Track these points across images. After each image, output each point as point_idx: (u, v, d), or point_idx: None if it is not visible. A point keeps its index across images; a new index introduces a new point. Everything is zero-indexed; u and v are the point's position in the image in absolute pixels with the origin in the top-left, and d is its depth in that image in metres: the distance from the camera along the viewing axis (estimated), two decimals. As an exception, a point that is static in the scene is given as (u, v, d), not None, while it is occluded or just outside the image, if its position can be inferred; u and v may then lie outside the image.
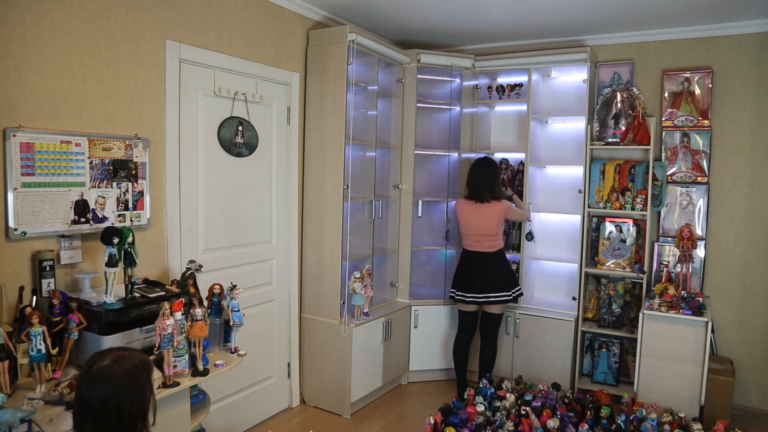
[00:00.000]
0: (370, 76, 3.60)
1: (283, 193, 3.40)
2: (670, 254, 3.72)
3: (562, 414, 3.02)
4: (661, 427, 2.92)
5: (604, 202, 3.70)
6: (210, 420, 2.85)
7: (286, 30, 3.31)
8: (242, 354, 2.30)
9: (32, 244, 2.12)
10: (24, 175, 2.07)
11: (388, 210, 3.96)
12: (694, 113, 3.62)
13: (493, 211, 3.52)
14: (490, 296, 3.54)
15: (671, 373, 3.17)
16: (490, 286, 3.54)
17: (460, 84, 4.08)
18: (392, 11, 3.47)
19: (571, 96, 3.96)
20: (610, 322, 3.71)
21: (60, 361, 1.96)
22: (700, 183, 3.65)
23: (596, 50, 3.90)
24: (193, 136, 2.79)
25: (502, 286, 3.56)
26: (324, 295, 3.48)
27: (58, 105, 2.18)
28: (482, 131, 4.21)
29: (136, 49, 2.46)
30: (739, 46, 3.51)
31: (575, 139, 3.96)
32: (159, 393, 1.88)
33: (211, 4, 2.82)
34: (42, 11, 2.10)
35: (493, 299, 3.55)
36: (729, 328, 3.61)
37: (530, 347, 3.80)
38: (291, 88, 3.37)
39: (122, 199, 2.42)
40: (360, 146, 3.58)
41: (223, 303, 2.34)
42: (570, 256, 3.91)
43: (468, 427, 2.91)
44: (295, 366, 3.56)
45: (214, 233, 2.94)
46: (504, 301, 3.57)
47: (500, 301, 3.56)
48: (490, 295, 3.54)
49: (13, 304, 2.05)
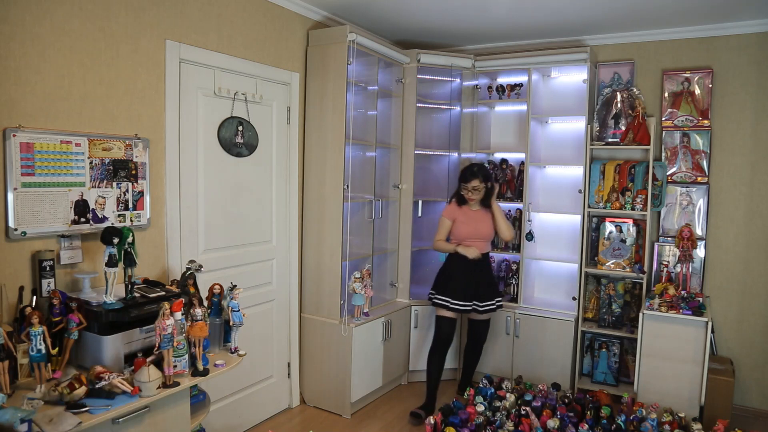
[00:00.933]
0: (370, 76, 3.60)
1: (283, 193, 3.40)
2: (670, 254, 3.72)
3: (562, 414, 3.02)
4: (661, 427, 2.92)
5: (604, 202, 3.71)
6: (210, 420, 2.85)
7: (286, 30, 3.31)
8: (242, 354, 2.30)
9: (32, 244, 2.12)
10: (24, 175, 2.07)
11: (388, 210, 3.96)
12: (694, 113, 3.62)
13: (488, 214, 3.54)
14: (489, 304, 3.50)
15: (671, 373, 3.16)
16: (486, 294, 3.49)
17: (460, 84, 4.08)
18: (392, 11, 3.47)
19: (571, 96, 3.96)
20: (610, 322, 3.71)
21: (60, 361, 1.96)
22: (700, 183, 3.65)
23: (596, 50, 3.90)
24: (193, 136, 2.79)
25: (495, 292, 3.56)
26: (324, 295, 3.48)
27: (58, 105, 2.18)
28: (482, 131, 4.21)
29: (136, 49, 2.46)
30: (739, 46, 3.51)
31: (575, 139, 3.96)
32: (159, 393, 1.88)
33: (211, 4, 2.82)
34: (42, 11, 2.10)
35: (489, 307, 3.51)
36: (729, 328, 3.61)
37: (530, 347, 3.80)
38: (291, 88, 3.37)
39: (122, 199, 2.42)
40: (360, 146, 3.58)
41: (223, 303, 2.33)
42: (570, 256, 3.91)
43: (468, 427, 2.91)
44: (295, 366, 3.56)
45: (214, 233, 2.94)
46: (498, 308, 3.59)
47: (496, 309, 3.55)
48: (488, 303, 3.50)
49: (13, 304, 2.05)
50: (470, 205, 3.50)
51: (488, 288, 3.50)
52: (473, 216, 3.48)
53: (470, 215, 3.48)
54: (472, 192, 3.42)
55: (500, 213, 3.50)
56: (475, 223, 3.47)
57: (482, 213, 3.51)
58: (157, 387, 1.88)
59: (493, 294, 3.52)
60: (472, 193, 3.42)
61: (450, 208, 3.55)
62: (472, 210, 3.50)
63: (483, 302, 3.47)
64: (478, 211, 3.51)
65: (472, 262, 3.42)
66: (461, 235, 3.47)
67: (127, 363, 2.02)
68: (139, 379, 1.85)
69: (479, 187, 3.41)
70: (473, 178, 3.40)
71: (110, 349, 1.99)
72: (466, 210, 3.50)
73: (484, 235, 3.48)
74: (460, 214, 3.50)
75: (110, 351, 1.99)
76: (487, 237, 3.50)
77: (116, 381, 1.80)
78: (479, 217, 3.49)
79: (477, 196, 3.44)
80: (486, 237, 3.50)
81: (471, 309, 3.46)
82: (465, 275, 3.45)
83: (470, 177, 3.41)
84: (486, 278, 3.52)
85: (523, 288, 3.94)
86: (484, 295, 3.47)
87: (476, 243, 3.46)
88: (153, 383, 1.86)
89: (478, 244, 3.45)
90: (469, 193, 3.42)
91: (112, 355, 1.99)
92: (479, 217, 3.49)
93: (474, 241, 3.46)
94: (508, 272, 4.12)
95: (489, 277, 3.56)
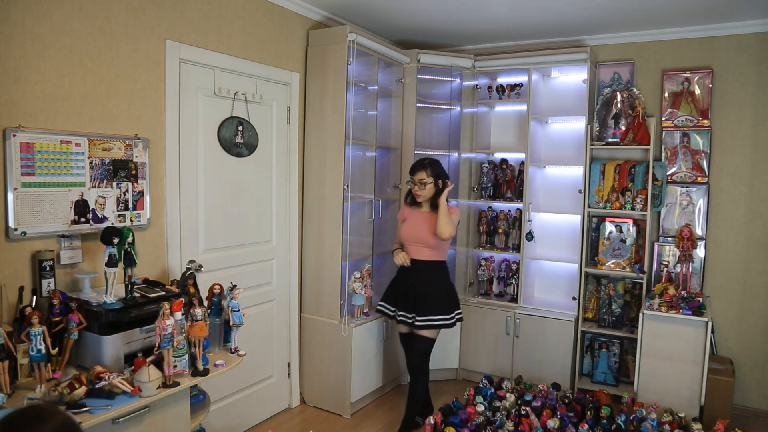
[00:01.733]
0: (370, 76, 3.60)
1: (283, 193, 3.40)
2: (670, 254, 3.72)
3: (562, 414, 3.02)
4: (661, 427, 2.92)
5: (604, 202, 3.70)
6: (210, 420, 2.85)
7: (286, 30, 3.31)
8: (242, 354, 2.30)
9: (32, 244, 2.12)
10: (24, 175, 2.07)
11: (388, 210, 3.95)
12: (694, 113, 3.62)
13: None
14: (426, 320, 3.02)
15: (671, 373, 3.16)
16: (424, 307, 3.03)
17: (460, 84, 4.08)
18: (392, 11, 3.47)
19: (571, 96, 3.96)
20: (610, 322, 3.71)
21: (60, 361, 1.96)
22: (700, 183, 3.65)
23: (596, 50, 3.90)
24: (193, 136, 2.79)
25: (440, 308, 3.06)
26: (324, 295, 3.48)
27: (58, 105, 2.18)
28: (482, 131, 4.21)
29: (136, 49, 2.46)
30: (739, 46, 3.51)
31: (575, 139, 3.96)
32: (159, 393, 1.88)
33: (211, 4, 2.82)
34: (42, 11, 2.10)
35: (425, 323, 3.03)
36: (729, 328, 3.61)
37: (530, 347, 3.80)
38: (291, 88, 3.37)
39: (122, 199, 2.42)
40: (360, 146, 3.58)
41: (223, 303, 2.34)
42: (570, 256, 3.91)
43: (468, 427, 2.91)
44: (295, 366, 3.56)
45: (214, 233, 2.94)
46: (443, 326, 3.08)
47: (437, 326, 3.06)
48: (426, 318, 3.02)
49: (13, 304, 2.05)
50: (421, 207, 3.14)
51: (428, 300, 3.03)
52: (418, 218, 3.12)
53: (415, 216, 3.13)
54: (418, 186, 3.05)
55: (444, 210, 3.00)
56: (416, 225, 3.10)
57: (429, 215, 3.10)
58: (157, 387, 1.88)
59: (435, 309, 3.03)
60: (418, 187, 3.05)
61: (402, 207, 3.28)
62: (421, 212, 3.13)
63: (420, 316, 3.02)
64: (425, 213, 3.12)
65: (409, 270, 3.10)
66: (402, 238, 3.17)
67: (127, 363, 2.02)
68: (139, 379, 1.85)
69: (426, 181, 3.03)
70: (420, 170, 3.05)
71: (110, 349, 1.99)
72: (416, 211, 3.16)
73: (422, 238, 3.06)
74: (408, 214, 3.19)
75: (110, 351, 1.99)
76: (426, 242, 3.06)
77: (116, 381, 1.80)
78: (423, 219, 3.09)
79: (424, 191, 3.05)
80: (424, 241, 3.06)
81: (411, 322, 3.06)
82: (404, 283, 3.13)
83: (417, 168, 3.07)
84: (426, 290, 3.05)
85: (523, 288, 3.94)
86: (422, 308, 3.02)
87: (414, 247, 3.09)
88: (153, 383, 1.86)
89: (415, 249, 3.09)
90: (416, 186, 3.06)
91: (112, 355, 1.99)
92: (423, 219, 3.10)
93: (412, 245, 3.10)
94: (508, 272, 4.12)
95: (432, 289, 3.07)
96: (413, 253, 3.11)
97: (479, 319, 3.97)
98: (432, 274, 3.10)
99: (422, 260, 3.09)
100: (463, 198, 4.12)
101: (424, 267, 3.09)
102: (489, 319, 3.94)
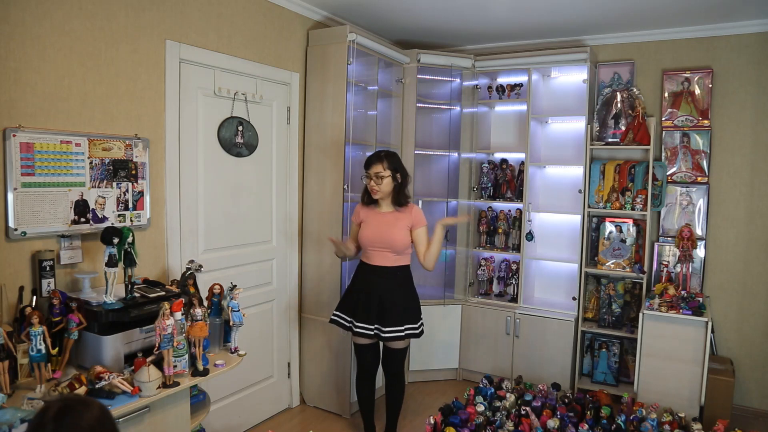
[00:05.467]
0: (370, 76, 3.60)
1: (283, 193, 3.40)
2: (670, 254, 3.72)
3: (562, 414, 3.02)
4: (661, 427, 2.92)
5: (604, 202, 3.71)
6: (210, 420, 2.85)
7: (286, 30, 3.31)
8: (242, 354, 2.30)
9: (32, 244, 2.12)
10: (24, 175, 2.07)
11: (388, 210, 3.95)
12: (694, 113, 3.62)
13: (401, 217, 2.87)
14: (393, 331, 2.79)
15: (671, 373, 3.17)
16: (392, 317, 2.79)
17: (460, 84, 4.08)
18: (392, 11, 3.47)
19: (571, 96, 3.96)
20: (610, 322, 3.71)
21: (60, 361, 1.96)
22: (700, 183, 3.65)
23: (596, 50, 3.90)
24: (193, 136, 2.79)
25: (408, 317, 2.85)
26: (324, 295, 3.48)
27: (58, 105, 2.18)
28: (482, 131, 4.21)
29: (136, 49, 2.46)
30: (739, 46, 3.51)
31: (575, 139, 3.96)
32: (159, 393, 1.88)
33: (211, 4, 2.82)
34: (42, 11, 2.10)
35: (394, 335, 2.79)
36: (729, 328, 3.61)
37: (530, 347, 3.80)
38: (291, 88, 3.37)
39: (122, 199, 2.42)
40: (360, 146, 3.58)
41: (223, 303, 2.33)
42: (570, 256, 3.91)
43: (468, 427, 2.91)
44: (295, 366, 3.56)
45: (214, 233, 2.94)
46: (412, 336, 2.88)
47: (405, 337, 2.85)
48: (393, 330, 2.79)
49: (13, 304, 2.05)
50: (380, 206, 2.88)
51: (395, 310, 2.80)
52: (380, 219, 2.84)
53: (375, 218, 2.85)
54: (374, 180, 2.77)
55: (439, 237, 2.83)
56: (380, 228, 2.81)
57: (394, 216, 2.83)
58: (157, 387, 1.88)
59: (403, 319, 2.81)
60: (374, 182, 2.77)
61: (356, 208, 2.98)
62: (381, 212, 2.86)
63: (386, 327, 2.78)
64: (388, 214, 2.85)
65: (371, 277, 2.83)
66: (363, 241, 2.85)
67: (127, 363, 2.02)
68: (139, 379, 1.85)
69: (383, 174, 2.75)
70: (376, 162, 2.77)
71: (110, 349, 1.99)
72: (373, 211, 2.88)
73: (390, 243, 2.78)
74: (365, 215, 2.90)
75: (110, 351, 1.99)
76: (393, 247, 2.79)
77: (116, 381, 1.80)
78: (387, 222, 2.82)
79: (381, 186, 2.78)
80: (391, 246, 2.79)
81: (373, 334, 2.82)
82: (363, 292, 2.84)
83: (372, 161, 2.79)
84: (393, 298, 2.80)
85: (523, 288, 3.94)
86: (390, 318, 2.78)
87: (378, 252, 2.82)
88: (153, 383, 1.86)
89: (379, 255, 2.82)
90: (371, 181, 2.79)
91: (112, 355, 1.99)
92: (387, 221, 2.82)
93: (375, 251, 2.82)
94: (508, 272, 4.12)
95: (399, 297, 2.83)
96: (376, 259, 2.83)
97: (479, 319, 3.97)
98: (399, 281, 2.85)
99: (387, 266, 2.82)
100: (463, 198, 4.12)
101: (389, 274, 2.82)
102: (489, 319, 3.94)
